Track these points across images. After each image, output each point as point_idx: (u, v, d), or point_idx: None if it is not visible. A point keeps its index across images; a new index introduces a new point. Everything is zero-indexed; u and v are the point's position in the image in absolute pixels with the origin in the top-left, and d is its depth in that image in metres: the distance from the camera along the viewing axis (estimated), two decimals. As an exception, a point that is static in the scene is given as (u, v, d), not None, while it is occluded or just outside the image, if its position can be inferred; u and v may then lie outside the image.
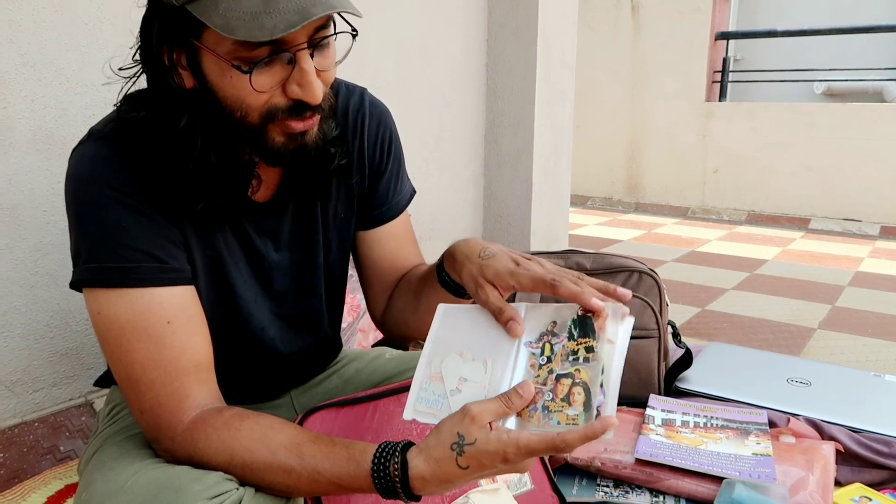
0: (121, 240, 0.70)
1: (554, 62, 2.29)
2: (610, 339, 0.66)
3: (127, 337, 0.71)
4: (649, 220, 4.22)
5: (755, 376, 1.42)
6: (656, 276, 1.40)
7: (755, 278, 2.72)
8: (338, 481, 0.67)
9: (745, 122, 4.28)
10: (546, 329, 0.70)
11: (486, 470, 0.64)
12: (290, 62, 0.67)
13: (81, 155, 0.73)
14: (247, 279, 0.83)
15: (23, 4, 1.11)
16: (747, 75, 5.84)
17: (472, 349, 0.72)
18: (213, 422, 0.70)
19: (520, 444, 0.62)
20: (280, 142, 0.71)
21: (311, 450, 0.68)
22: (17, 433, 1.17)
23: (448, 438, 0.64)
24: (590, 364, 0.66)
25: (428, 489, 0.65)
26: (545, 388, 0.67)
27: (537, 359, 0.69)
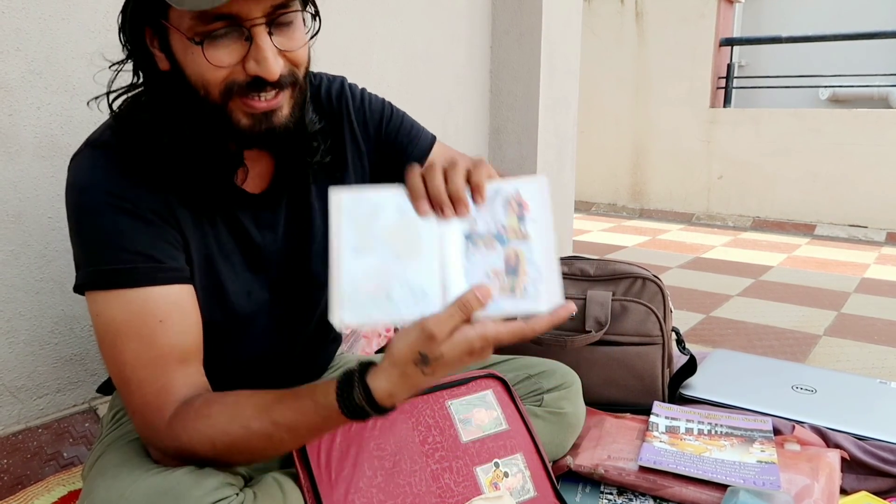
0: (118, 243, 0.72)
1: (558, 68, 2.29)
2: (533, 219, 0.66)
3: (121, 337, 0.72)
4: (654, 227, 4.21)
5: (760, 383, 1.41)
6: (660, 283, 1.39)
7: (760, 285, 2.71)
8: (316, 427, 0.70)
9: (749, 129, 4.27)
10: (472, 217, 0.68)
11: (456, 366, 0.64)
12: (247, 39, 0.68)
13: (79, 164, 0.75)
14: (240, 272, 0.83)
15: (30, 13, 1.12)
16: (752, 81, 5.83)
17: (395, 240, 0.67)
18: (186, 414, 0.72)
19: (487, 336, 0.62)
20: (245, 124, 0.72)
21: (280, 411, 0.69)
22: (21, 439, 1.17)
23: (409, 357, 0.63)
24: (522, 243, 0.66)
25: (399, 400, 0.66)
26: (494, 279, 0.65)
27: (468, 243, 0.66)
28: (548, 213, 0.67)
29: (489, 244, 0.66)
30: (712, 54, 4.37)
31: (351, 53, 1.76)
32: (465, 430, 0.96)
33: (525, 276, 0.65)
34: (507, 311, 0.64)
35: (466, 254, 0.66)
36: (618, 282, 1.40)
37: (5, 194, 1.13)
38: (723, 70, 4.52)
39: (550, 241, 0.66)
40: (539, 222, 0.66)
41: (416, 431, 0.93)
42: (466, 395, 1.00)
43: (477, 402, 1.00)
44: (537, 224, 0.66)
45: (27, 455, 1.16)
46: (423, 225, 0.67)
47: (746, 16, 6.77)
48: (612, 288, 1.39)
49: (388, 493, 0.85)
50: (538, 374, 1.11)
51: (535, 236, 0.66)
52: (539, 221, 0.66)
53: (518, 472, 0.95)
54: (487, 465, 0.94)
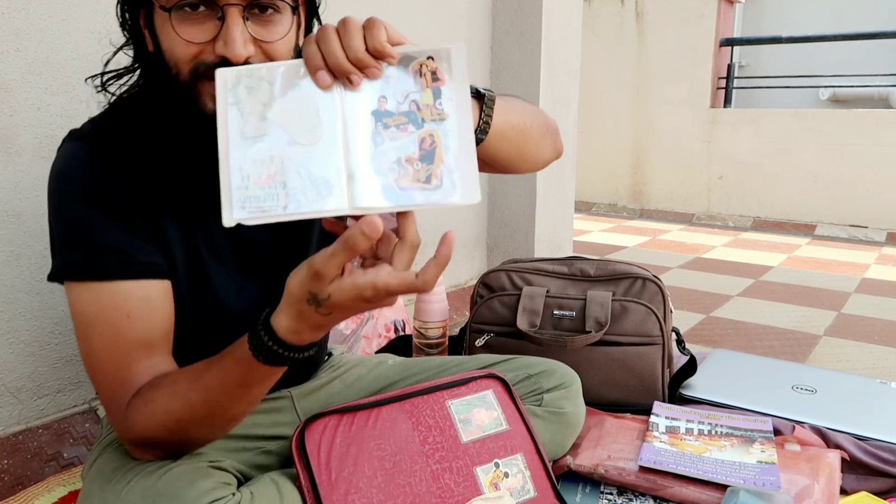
0: (89, 235, 0.73)
1: (558, 69, 2.29)
2: (450, 95, 0.58)
3: (90, 328, 0.74)
4: (654, 227, 4.21)
5: (760, 383, 1.41)
6: (660, 283, 1.39)
7: (760, 285, 2.71)
8: (244, 383, 0.68)
9: (750, 129, 4.27)
10: (377, 89, 0.59)
11: (352, 311, 0.62)
12: (220, 18, 0.68)
13: (60, 154, 0.77)
14: (231, 270, 0.84)
15: (30, 13, 1.12)
16: (752, 81, 5.84)
17: (290, 122, 0.58)
18: (135, 403, 0.72)
19: (377, 286, 0.58)
20: (212, 108, 0.69)
21: (209, 376, 0.69)
22: (22, 440, 1.17)
23: (301, 296, 0.60)
24: (438, 125, 0.58)
25: (308, 337, 0.64)
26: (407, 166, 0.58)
27: (376, 124, 0.59)
28: (466, 88, 0.59)
29: (401, 125, 0.58)
30: (712, 54, 4.37)
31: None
32: (465, 430, 0.96)
33: (441, 164, 0.58)
34: (418, 203, 0.58)
35: (374, 137, 0.58)
36: (618, 282, 1.40)
37: (6, 194, 1.13)
38: (723, 70, 4.52)
39: (469, 122, 0.58)
40: (457, 99, 0.59)
41: (416, 432, 0.93)
42: (467, 396, 1.00)
43: (477, 403, 1.00)
44: (455, 102, 0.59)
45: (27, 455, 1.16)
46: (322, 103, 0.58)
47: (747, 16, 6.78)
48: (612, 288, 1.39)
49: (388, 494, 0.85)
50: (538, 374, 1.11)
51: (453, 116, 0.58)
52: (457, 99, 0.59)
53: (518, 473, 0.95)
54: (488, 465, 0.94)
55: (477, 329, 1.42)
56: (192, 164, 0.77)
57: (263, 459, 0.93)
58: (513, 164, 0.86)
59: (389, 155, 0.58)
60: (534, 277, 1.43)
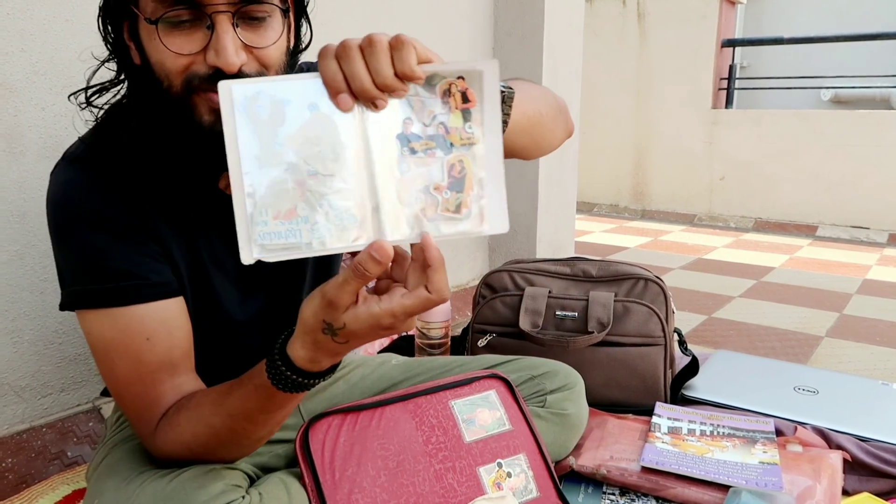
0: (98, 261, 0.71)
1: (560, 70, 2.29)
2: (481, 118, 0.55)
3: (110, 354, 0.72)
4: (656, 228, 4.21)
5: (762, 384, 1.41)
6: (662, 284, 1.40)
7: (762, 286, 2.71)
8: (267, 410, 0.68)
9: (751, 130, 4.27)
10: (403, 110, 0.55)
11: (369, 338, 0.60)
12: (209, 27, 0.65)
13: (55, 180, 0.74)
14: (234, 280, 0.83)
15: (34, 14, 1.12)
16: (754, 82, 5.84)
17: (309, 147, 0.53)
18: (163, 426, 0.72)
19: (395, 312, 0.56)
20: (208, 121, 0.68)
21: (231, 402, 0.68)
22: (26, 438, 1.17)
23: (315, 325, 0.58)
24: (467, 150, 0.55)
25: (324, 364, 0.63)
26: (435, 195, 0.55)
27: (402, 149, 0.54)
28: (497, 111, 0.55)
29: (428, 149, 0.54)
30: (714, 55, 4.37)
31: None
32: (468, 430, 0.96)
33: (471, 191, 0.55)
34: (446, 234, 0.55)
35: (400, 163, 0.54)
36: (620, 283, 1.40)
37: (10, 194, 1.13)
38: (725, 71, 4.51)
39: (499, 148, 0.55)
40: (487, 123, 0.55)
41: (419, 431, 0.93)
42: (470, 396, 1.00)
43: (480, 403, 1.00)
44: (485, 125, 0.55)
45: (31, 454, 1.16)
46: (342, 125, 0.53)
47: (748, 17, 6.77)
48: (614, 289, 1.39)
49: (392, 493, 0.85)
50: (541, 375, 1.11)
51: (484, 141, 0.55)
52: (487, 122, 0.55)
53: (521, 473, 0.95)
54: (490, 465, 0.94)
55: (479, 329, 1.43)
56: (190, 176, 0.75)
57: (270, 461, 0.93)
58: (526, 152, 0.83)
59: (416, 183, 0.54)
60: (536, 278, 1.44)
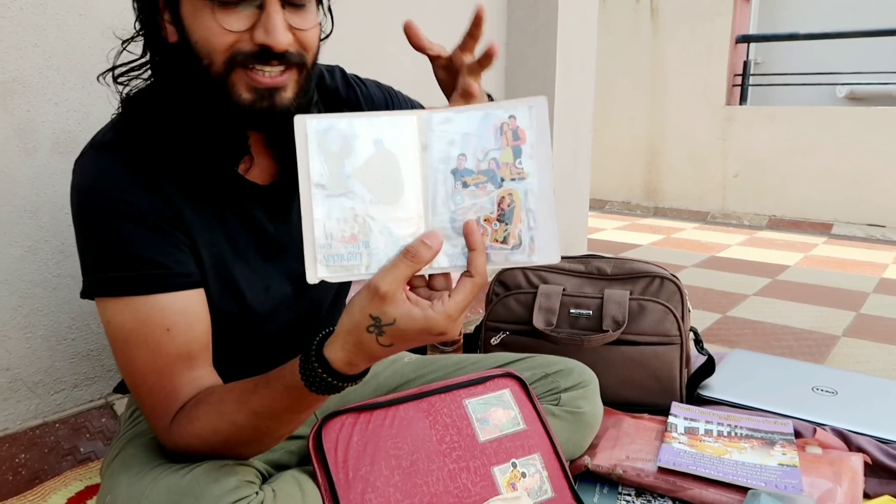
0: (124, 249, 0.71)
1: (574, 66, 2.27)
2: (531, 153, 0.58)
3: (130, 344, 0.72)
4: (668, 225, 4.17)
5: (779, 384, 1.39)
6: (678, 282, 1.38)
7: (777, 284, 2.68)
8: (294, 410, 0.68)
9: (766, 126, 4.22)
10: (458, 147, 0.60)
11: (412, 343, 0.61)
12: (259, 7, 0.67)
13: (82, 167, 0.74)
14: (256, 268, 0.83)
15: (47, 9, 1.12)
16: (769, 79, 5.78)
17: (373, 179, 0.58)
18: (180, 418, 0.72)
19: (449, 312, 0.58)
20: (247, 99, 0.70)
21: (257, 400, 0.68)
22: (39, 434, 1.17)
23: (362, 322, 0.59)
24: (517, 183, 0.58)
25: (360, 367, 0.63)
26: (485, 226, 0.59)
27: (456, 183, 0.59)
28: (547, 146, 0.58)
29: (480, 183, 0.59)
30: (728, 51, 4.32)
31: (366, 49, 1.75)
32: (482, 429, 0.95)
33: (519, 223, 0.58)
34: (495, 263, 0.59)
35: (454, 196, 0.59)
36: (635, 281, 1.38)
37: (23, 190, 1.13)
38: (739, 67, 4.47)
39: (549, 181, 0.58)
40: (537, 157, 0.58)
41: (433, 430, 0.92)
42: (484, 395, 0.99)
43: (494, 402, 0.99)
44: (535, 160, 0.58)
45: (44, 450, 1.16)
46: (404, 160, 0.59)
47: (762, 13, 6.71)
48: (629, 287, 1.38)
49: (406, 493, 0.84)
50: (555, 373, 1.10)
51: (533, 175, 0.58)
52: (537, 156, 0.58)
53: (536, 473, 0.94)
54: (505, 465, 0.93)
55: (492, 327, 1.41)
56: (213, 161, 0.75)
57: (282, 457, 0.93)
58: None
59: (468, 214, 0.59)
60: (550, 275, 1.42)
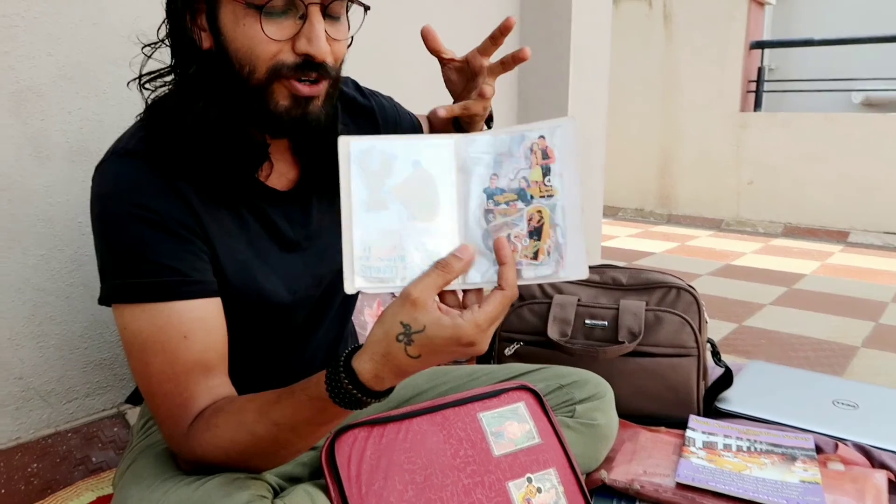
0: (144, 255, 0.71)
1: (587, 72, 2.26)
2: (559, 171, 0.61)
3: (146, 351, 0.71)
4: (682, 232, 4.14)
5: (799, 397, 1.37)
6: (695, 293, 1.36)
7: (794, 293, 2.65)
8: (315, 422, 0.67)
9: (781, 133, 4.19)
10: (490, 167, 0.63)
11: (441, 356, 0.61)
12: (301, 17, 0.69)
13: (104, 173, 0.74)
14: (281, 273, 0.82)
15: (61, 18, 1.12)
16: (783, 85, 5.74)
17: (410, 197, 0.62)
18: (198, 426, 0.71)
19: (478, 321, 0.59)
20: (284, 105, 0.72)
21: (279, 410, 0.67)
22: (51, 443, 1.17)
23: (392, 330, 0.59)
24: (546, 201, 0.61)
25: (388, 382, 0.63)
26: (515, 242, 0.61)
27: (489, 202, 0.62)
28: (575, 164, 0.61)
29: (510, 201, 0.62)
30: (742, 57, 4.29)
31: (376, 57, 1.75)
32: (497, 443, 0.93)
33: (548, 239, 0.60)
34: (525, 278, 0.61)
35: (486, 214, 0.62)
36: (651, 291, 1.37)
37: (37, 198, 1.13)
38: (753, 73, 4.43)
39: (577, 198, 0.61)
40: (566, 175, 0.61)
41: (447, 445, 0.90)
42: (498, 408, 0.98)
43: (509, 415, 0.98)
44: (563, 178, 0.61)
45: (56, 459, 1.16)
46: (440, 180, 0.62)
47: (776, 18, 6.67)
48: (645, 297, 1.36)
49: (419, 509, 0.83)
50: (570, 384, 1.09)
51: (561, 193, 0.61)
52: (566, 174, 0.61)
53: (551, 488, 0.92)
54: (520, 479, 0.91)
55: (506, 337, 1.40)
56: (236, 163, 0.75)
57: (294, 470, 0.92)
58: None
59: (499, 232, 0.61)
60: (564, 285, 1.41)
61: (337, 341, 0.97)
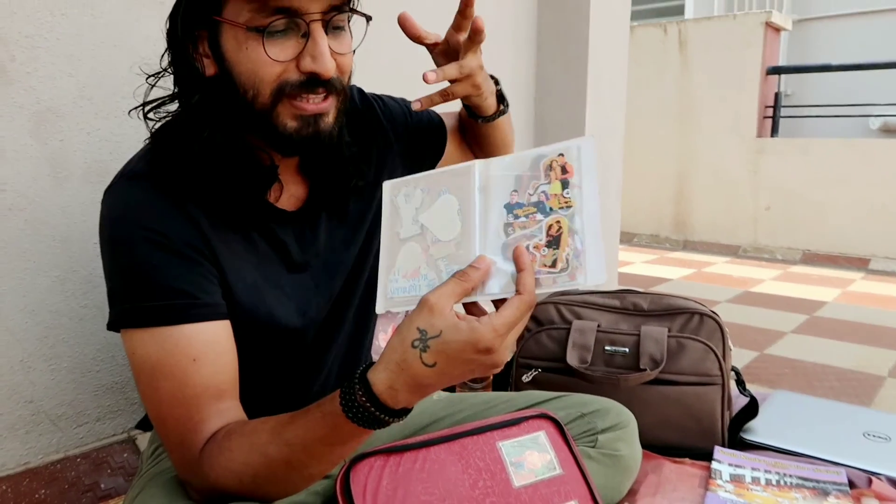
0: (152, 278, 0.69)
1: (604, 97, 2.25)
2: (577, 184, 0.62)
3: (156, 376, 0.70)
4: (699, 259, 4.09)
5: (828, 429, 1.32)
6: (718, 319, 1.32)
7: (815, 321, 2.59)
8: (329, 442, 0.65)
9: (798, 159, 4.15)
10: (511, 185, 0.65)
11: (459, 366, 0.59)
12: (304, 36, 0.68)
13: (112, 196, 0.73)
14: (291, 294, 0.81)
15: (82, 39, 1.13)
16: (801, 111, 5.71)
17: (436, 221, 0.67)
18: (210, 450, 0.69)
19: (496, 325, 0.58)
20: (292, 126, 0.71)
21: (292, 430, 0.65)
22: (60, 469, 1.15)
23: (408, 336, 0.59)
24: (565, 212, 0.62)
25: (403, 398, 0.61)
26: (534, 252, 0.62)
27: (509, 216, 0.64)
28: (593, 178, 0.63)
29: (530, 214, 0.64)
30: (759, 83, 4.28)
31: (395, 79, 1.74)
32: (517, 474, 0.90)
33: (567, 247, 0.61)
34: (544, 287, 0.61)
35: (506, 228, 0.64)
36: (673, 317, 1.33)
37: (53, 219, 1.12)
38: (770, 99, 4.42)
39: (595, 208, 0.62)
40: (584, 188, 0.63)
41: (465, 475, 0.87)
42: (518, 437, 0.95)
43: (529, 444, 0.94)
44: (582, 189, 0.63)
45: (65, 485, 1.14)
46: (463, 202, 0.66)
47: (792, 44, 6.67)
48: (667, 324, 1.32)
49: (437, 542, 0.80)
50: (592, 413, 1.05)
51: (579, 203, 0.62)
52: (584, 187, 0.63)
53: (573, 522, 0.89)
54: (541, 512, 0.88)
55: (524, 364, 1.37)
56: (245, 185, 0.74)
57: (307, 499, 0.89)
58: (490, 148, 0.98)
59: (519, 242, 0.63)
60: (583, 311, 1.38)
61: (352, 364, 0.95)
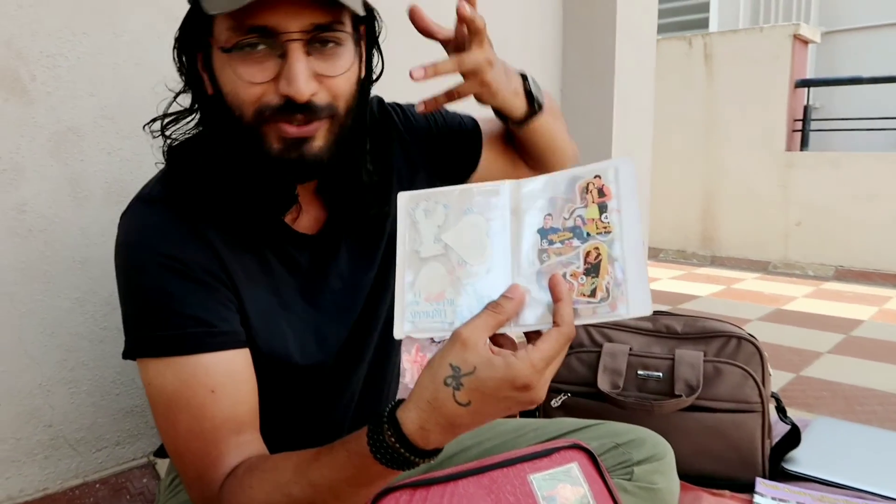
0: (167, 305, 0.67)
1: (631, 112, 2.21)
2: (617, 208, 0.58)
3: (172, 408, 0.67)
4: (727, 275, 4.00)
5: (875, 459, 1.25)
6: (756, 343, 1.27)
7: (852, 341, 2.50)
8: (355, 483, 0.61)
9: (829, 173, 4.06)
10: (544, 208, 0.61)
11: (494, 404, 0.55)
12: (281, 56, 0.64)
13: (128, 221, 0.71)
14: (309, 321, 0.78)
15: (104, 59, 1.11)
16: (831, 124, 5.61)
17: (461, 242, 0.62)
18: (231, 487, 0.66)
19: (533, 361, 0.54)
20: (277, 148, 0.68)
21: (317, 469, 0.62)
22: (79, 495, 1.12)
23: (440, 373, 0.55)
24: (603, 237, 0.58)
25: (435, 438, 0.57)
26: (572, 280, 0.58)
27: (542, 241, 0.60)
28: (634, 201, 0.59)
29: (565, 240, 0.59)
30: (787, 96, 4.20)
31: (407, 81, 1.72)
32: (549, 509, 0.85)
33: (606, 275, 0.57)
34: (583, 318, 0.57)
35: (540, 254, 0.60)
36: (709, 341, 1.28)
37: (73, 240, 1.11)
38: (798, 112, 4.33)
39: (637, 234, 0.58)
40: (624, 212, 0.58)
41: (495, 510, 0.83)
42: (550, 469, 0.90)
43: (562, 477, 0.90)
44: (622, 213, 0.58)
45: (82, 512, 1.11)
46: (493, 225, 0.61)
47: (820, 56, 6.57)
48: (702, 347, 1.27)
49: (466, 584, 0.75)
50: (626, 444, 1.00)
51: (619, 229, 0.58)
52: (624, 211, 0.58)
53: (610, 561, 0.84)
54: (575, 551, 0.83)
55: (553, 388, 1.32)
56: (259, 212, 0.72)
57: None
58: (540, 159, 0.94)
59: (554, 271, 0.59)
60: (614, 333, 1.33)
61: (376, 389, 0.92)
